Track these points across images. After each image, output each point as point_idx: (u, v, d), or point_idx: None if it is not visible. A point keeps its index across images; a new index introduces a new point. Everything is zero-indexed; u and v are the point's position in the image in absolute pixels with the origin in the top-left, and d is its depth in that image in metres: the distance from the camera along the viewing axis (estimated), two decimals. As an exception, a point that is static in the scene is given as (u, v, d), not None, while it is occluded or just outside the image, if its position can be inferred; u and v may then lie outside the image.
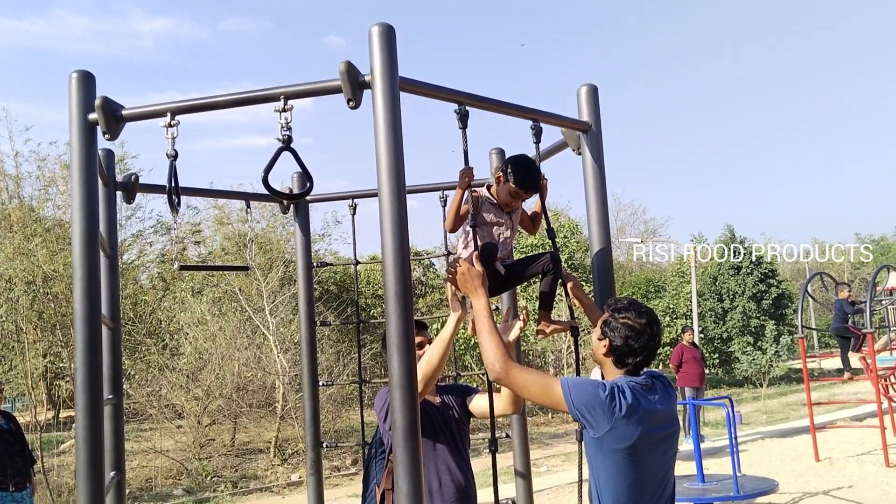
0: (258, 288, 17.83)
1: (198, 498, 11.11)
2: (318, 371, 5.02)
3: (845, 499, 8.05)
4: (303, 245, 5.00)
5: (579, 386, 2.63)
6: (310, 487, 4.86)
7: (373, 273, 27.38)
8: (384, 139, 2.76)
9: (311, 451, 4.86)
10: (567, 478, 10.70)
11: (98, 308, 2.99)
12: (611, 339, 2.74)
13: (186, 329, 16.74)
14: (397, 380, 2.69)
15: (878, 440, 10.90)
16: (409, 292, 2.75)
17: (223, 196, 4.90)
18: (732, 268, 26.38)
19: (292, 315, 17.74)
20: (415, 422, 2.69)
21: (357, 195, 4.93)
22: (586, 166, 3.62)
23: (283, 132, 2.93)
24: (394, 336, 2.71)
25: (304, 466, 13.67)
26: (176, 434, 14.51)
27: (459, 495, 3.40)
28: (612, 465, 2.60)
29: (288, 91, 2.94)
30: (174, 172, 3.04)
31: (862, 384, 18.05)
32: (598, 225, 3.61)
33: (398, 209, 2.75)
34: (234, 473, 13.10)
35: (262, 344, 16.81)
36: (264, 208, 20.09)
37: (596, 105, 3.65)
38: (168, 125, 3.00)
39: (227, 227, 20.37)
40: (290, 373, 15.81)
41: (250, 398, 16.17)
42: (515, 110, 3.35)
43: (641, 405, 2.60)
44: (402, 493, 2.66)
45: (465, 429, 3.62)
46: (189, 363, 15.93)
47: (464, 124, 3.09)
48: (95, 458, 2.90)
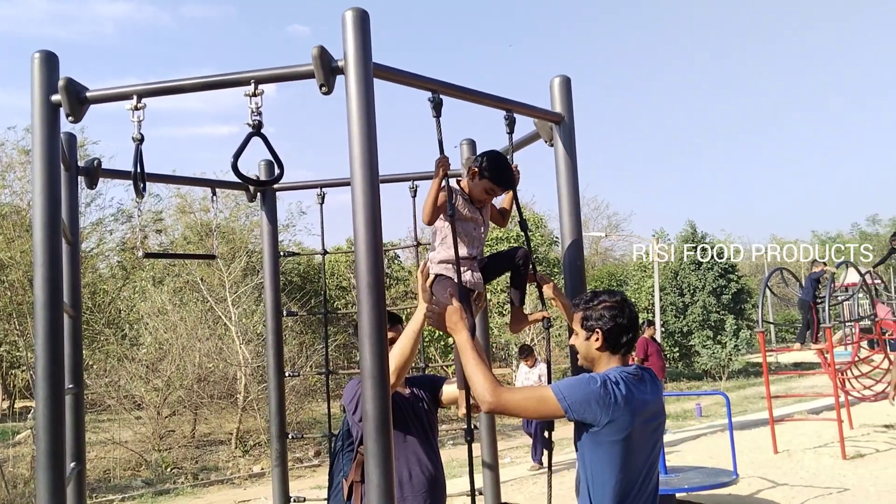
0: (220, 278, 17.62)
1: (157, 490, 10.95)
2: (283, 362, 4.95)
3: (804, 490, 8.19)
4: (269, 234, 4.92)
5: (571, 386, 2.61)
6: (275, 479, 4.79)
7: (336, 265, 27.25)
8: (357, 126, 2.71)
9: (277, 443, 4.80)
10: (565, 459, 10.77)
11: (60, 295, 2.91)
12: (599, 328, 2.72)
13: (146, 319, 16.49)
14: (369, 370, 2.66)
15: (834, 433, 11.12)
16: (381, 283, 2.71)
17: (188, 183, 4.80)
18: (693, 263, 26.71)
19: (255, 306, 17.57)
20: (387, 413, 2.66)
21: (326, 184, 4.87)
22: (559, 158, 3.61)
23: (253, 117, 2.86)
24: (366, 326, 2.68)
25: (266, 458, 13.61)
26: (135, 425, 14.30)
27: (430, 486, 3.38)
28: (608, 457, 2.60)
29: (259, 75, 2.87)
30: (140, 157, 2.96)
31: (817, 378, 18.44)
32: (570, 217, 3.60)
33: (371, 197, 2.71)
34: (194, 465, 12.94)
35: (224, 335, 16.63)
36: (227, 197, 19.85)
37: (569, 96, 3.64)
38: (134, 108, 2.92)
39: (188, 216, 20.08)
40: (252, 364, 15.67)
41: (211, 389, 15.99)
42: (489, 100, 3.32)
43: (634, 395, 2.61)
44: (373, 484, 2.63)
45: (435, 420, 3.61)
46: (149, 354, 15.69)
47: (437, 113, 3.05)
48: (56, 449, 2.82)
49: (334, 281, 27.49)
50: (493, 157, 3.23)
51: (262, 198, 4.90)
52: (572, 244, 3.58)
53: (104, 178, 4.13)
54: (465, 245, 3.20)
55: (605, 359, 2.75)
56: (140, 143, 2.95)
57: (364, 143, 2.71)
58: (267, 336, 4.90)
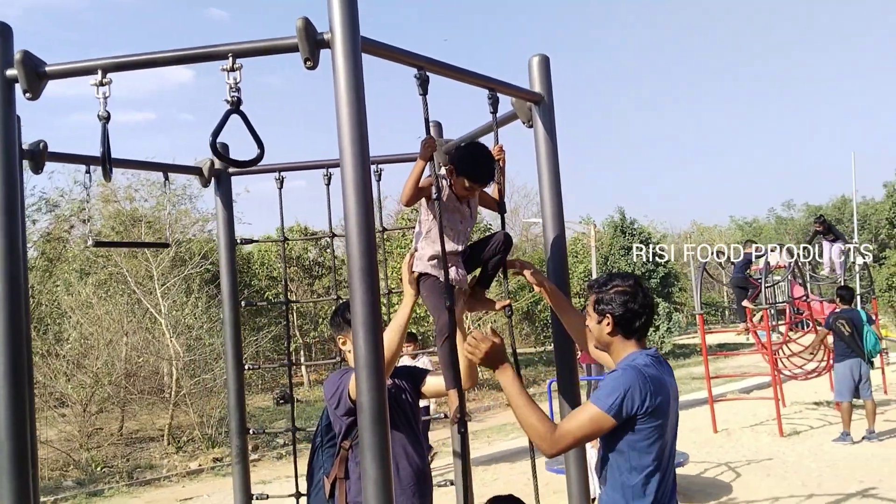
0: (147, 269, 17.03)
1: (90, 490, 10.50)
2: (242, 353, 4.75)
3: (748, 468, 8.38)
4: (225, 220, 4.71)
5: (610, 392, 2.51)
6: (236, 477, 4.62)
7: (266, 254, 26.71)
8: (346, 102, 2.56)
9: (237, 439, 4.61)
10: (500, 449, 10.74)
11: (26, 287, 2.68)
12: (610, 312, 2.67)
13: (70, 313, 15.81)
14: (363, 360, 2.53)
15: (768, 412, 11.47)
16: (375, 266, 2.58)
17: (138, 167, 4.55)
18: (623, 248, 27.22)
19: (185, 297, 17.06)
20: (382, 404, 2.54)
21: (284, 167, 4.69)
22: (539, 139, 3.53)
23: (231, 93, 2.67)
24: (359, 313, 2.54)
25: (201, 455, 13.23)
26: (60, 423, 13.68)
27: (418, 479, 3.28)
28: (647, 442, 2.55)
29: (237, 49, 2.68)
30: (107, 136, 2.74)
31: (743, 358, 19.00)
32: (552, 200, 3.52)
33: (362, 177, 2.57)
34: (126, 463, 12.46)
35: (153, 327, 16.09)
36: (153, 186, 19.20)
37: (548, 76, 3.56)
38: (99, 83, 2.71)
39: (112, 206, 19.34)
40: (184, 357, 15.21)
41: (141, 384, 15.47)
42: (474, 78, 3.21)
43: (664, 378, 2.61)
44: (370, 479, 2.51)
45: (418, 411, 3.51)
46: (74, 349, 15.05)
47: (424, 90, 2.92)
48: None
49: (263, 271, 26.96)
50: (468, 153, 3.13)
51: (216, 182, 4.68)
52: (554, 226, 3.51)
53: (52, 161, 3.86)
54: (451, 239, 3.11)
55: (619, 343, 2.70)
56: (106, 121, 2.73)
57: (354, 119, 2.56)
58: (225, 327, 4.69)
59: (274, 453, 12.78)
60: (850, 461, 8.60)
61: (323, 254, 28.22)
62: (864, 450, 9.13)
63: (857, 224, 34.16)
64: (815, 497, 7.21)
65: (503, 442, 11.75)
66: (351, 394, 3.12)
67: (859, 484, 7.55)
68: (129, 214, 19.55)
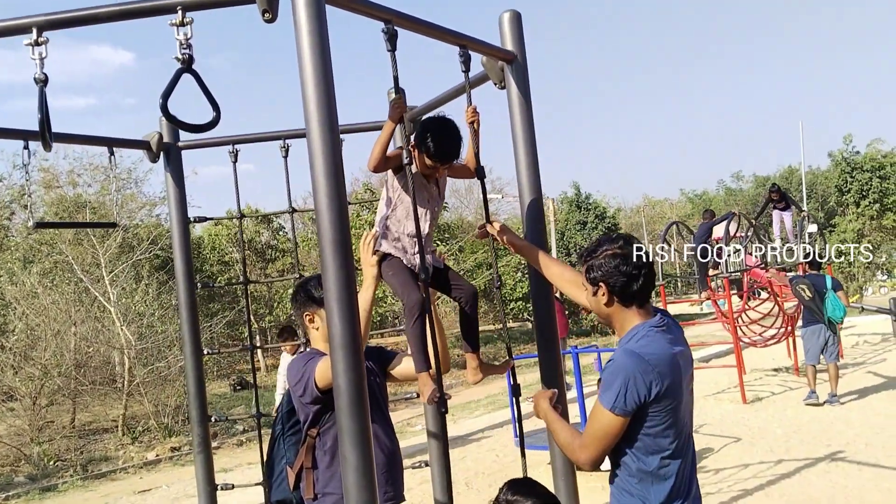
0: (94, 256, 16.50)
1: (43, 485, 10.12)
2: (200, 338, 4.50)
3: (715, 439, 8.39)
4: (176, 197, 4.42)
5: (609, 387, 2.34)
6: (198, 466, 4.37)
7: (217, 238, 26.18)
8: (310, 60, 2.33)
9: (198, 427, 4.36)
10: (467, 428, 10.62)
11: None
12: (603, 280, 2.45)
13: (15, 304, 15.23)
14: (339, 339, 2.32)
15: (728, 379, 11.57)
16: (348, 239, 2.37)
17: (81, 142, 4.25)
18: (579, 223, 27.29)
19: (135, 284, 16.58)
20: (361, 385, 2.34)
21: (239, 140, 4.42)
22: (512, 100, 3.33)
23: (182, 51, 2.43)
24: (333, 289, 2.33)
25: (158, 445, 12.89)
26: (8, 417, 13.18)
27: (388, 463, 3.11)
28: (663, 425, 2.36)
29: (187, 1, 2.44)
30: (44, 101, 2.48)
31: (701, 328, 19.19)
32: (528, 165, 3.33)
33: (331, 143, 2.34)
34: (80, 456, 12.08)
35: (102, 316, 15.61)
36: (96, 170, 18.59)
37: (520, 33, 3.35)
38: (34, 43, 2.44)
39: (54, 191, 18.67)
40: (136, 346, 14.79)
41: (92, 375, 15.03)
42: (445, 34, 2.99)
43: (671, 350, 2.39)
44: (350, 466, 2.31)
45: (386, 393, 3.34)
46: (20, 341, 14.51)
47: (392, 46, 2.69)
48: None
49: (215, 255, 26.43)
50: (432, 126, 2.92)
51: (165, 157, 4.40)
52: (530, 195, 3.33)
53: (-16, 135, 3.55)
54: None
55: (620, 313, 2.48)
56: (44, 84, 2.46)
57: (319, 76, 2.33)
58: (181, 310, 4.43)
59: (234, 440, 12.52)
60: (814, 426, 8.67)
61: (276, 236, 27.77)
62: (828, 413, 9.22)
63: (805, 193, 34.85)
64: (785, 462, 7.23)
65: (468, 420, 11.66)
66: (317, 381, 2.92)
67: (826, 448, 7.60)
68: (73, 200, 18.92)
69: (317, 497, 3.02)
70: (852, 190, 38.25)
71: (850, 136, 39.64)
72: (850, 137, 39.67)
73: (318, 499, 3.02)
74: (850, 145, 39.51)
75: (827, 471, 6.92)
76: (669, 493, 2.41)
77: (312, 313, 3.15)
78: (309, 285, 3.20)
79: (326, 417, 2.97)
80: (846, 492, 6.30)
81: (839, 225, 39.62)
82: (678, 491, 2.43)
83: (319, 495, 3.01)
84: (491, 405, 12.85)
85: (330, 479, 2.97)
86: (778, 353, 13.50)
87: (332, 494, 2.94)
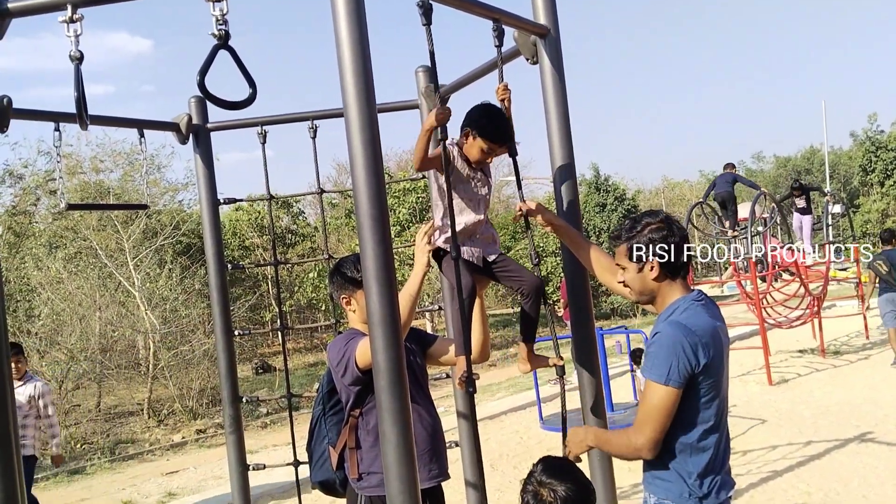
0: (118, 242, 16.62)
1: (71, 468, 10.24)
2: (231, 320, 4.51)
3: (742, 421, 8.33)
4: (206, 178, 4.45)
5: (660, 361, 2.33)
6: (230, 447, 4.40)
7: (238, 224, 26.26)
8: (347, 29, 2.29)
9: (230, 408, 4.40)
10: (494, 410, 10.62)
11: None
12: (651, 254, 2.46)
13: (41, 289, 15.39)
14: (378, 317, 2.30)
15: (754, 361, 11.47)
16: (386, 215, 2.33)
17: (111, 123, 4.25)
18: (598, 205, 27.10)
19: (159, 269, 16.69)
20: (401, 363, 2.31)
21: (267, 121, 4.42)
22: (545, 76, 3.29)
23: (218, 27, 2.41)
24: (371, 267, 2.30)
25: (184, 427, 13.02)
26: (35, 402, 13.33)
27: (432, 441, 3.10)
28: (707, 398, 2.39)
29: (222, -24, 2.42)
30: (80, 79, 2.47)
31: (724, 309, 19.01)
32: (561, 142, 3.29)
33: (369, 118, 2.30)
34: (107, 439, 12.22)
35: (127, 301, 15.75)
36: (119, 156, 18.66)
37: (553, 6, 3.30)
38: (69, 20, 2.43)
39: (78, 177, 18.78)
40: (160, 330, 14.91)
41: (118, 359, 15.18)
42: (478, 7, 2.95)
43: (714, 323, 2.42)
44: (391, 444, 2.29)
45: (426, 373, 3.32)
46: (46, 326, 14.67)
47: (427, 20, 2.66)
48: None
49: (236, 241, 26.53)
50: (483, 114, 2.94)
51: (195, 139, 4.40)
52: (565, 174, 3.29)
53: (17, 118, 3.54)
54: (471, 210, 3.01)
55: (667, 287, 2.49)
56: (80, 62, 2.46)
57: (356, 45, 2.28)
58: (211, 292, 4.44)
59: (258, 422, 12.60)
60: (842, 407, 8.58)
61: (296, 221, 27.83)
62: (856, 395, 9.13)
63: (828, 173, 34.43)
64: (814, 444, 7.17)
65: (490, 402, 11.65)
66: (358, 362, 2.91)
67: (856, 429, 7.53)
68: (96, 186, 19.02)
69: (361, 477, 3.02)
70: (877, 169, 37.74)
71: (876, 115, 39.07)
72: (875, 116, 39.10)
73: (363, 478, 3.02)
74: (875, 124, 38.98)
75: (857, 452, 6.85)
76: (706, 465, 2.43)
77: (349, 296, 3.14)
78: (343, 267, 3.19)
79: (369, 398, 2.96)
80: (877, 472, 6.24)
81: (863, 205, 39.16)
82: (713, 464, 2.45)
83: (364, 475, 3.02)
84: (512, 388, 12.83)
85: (374, 459, 2.97)
86: (802, 334, 13.37)
87: (376, 474, 2.94)
